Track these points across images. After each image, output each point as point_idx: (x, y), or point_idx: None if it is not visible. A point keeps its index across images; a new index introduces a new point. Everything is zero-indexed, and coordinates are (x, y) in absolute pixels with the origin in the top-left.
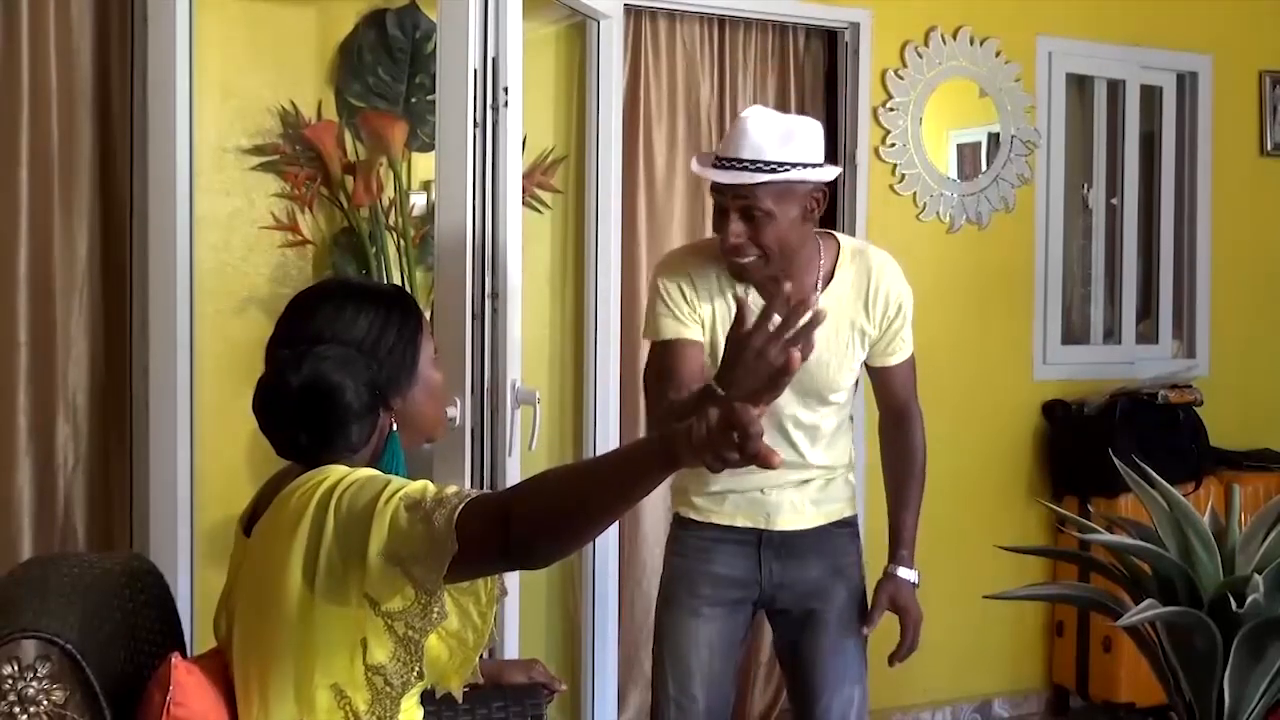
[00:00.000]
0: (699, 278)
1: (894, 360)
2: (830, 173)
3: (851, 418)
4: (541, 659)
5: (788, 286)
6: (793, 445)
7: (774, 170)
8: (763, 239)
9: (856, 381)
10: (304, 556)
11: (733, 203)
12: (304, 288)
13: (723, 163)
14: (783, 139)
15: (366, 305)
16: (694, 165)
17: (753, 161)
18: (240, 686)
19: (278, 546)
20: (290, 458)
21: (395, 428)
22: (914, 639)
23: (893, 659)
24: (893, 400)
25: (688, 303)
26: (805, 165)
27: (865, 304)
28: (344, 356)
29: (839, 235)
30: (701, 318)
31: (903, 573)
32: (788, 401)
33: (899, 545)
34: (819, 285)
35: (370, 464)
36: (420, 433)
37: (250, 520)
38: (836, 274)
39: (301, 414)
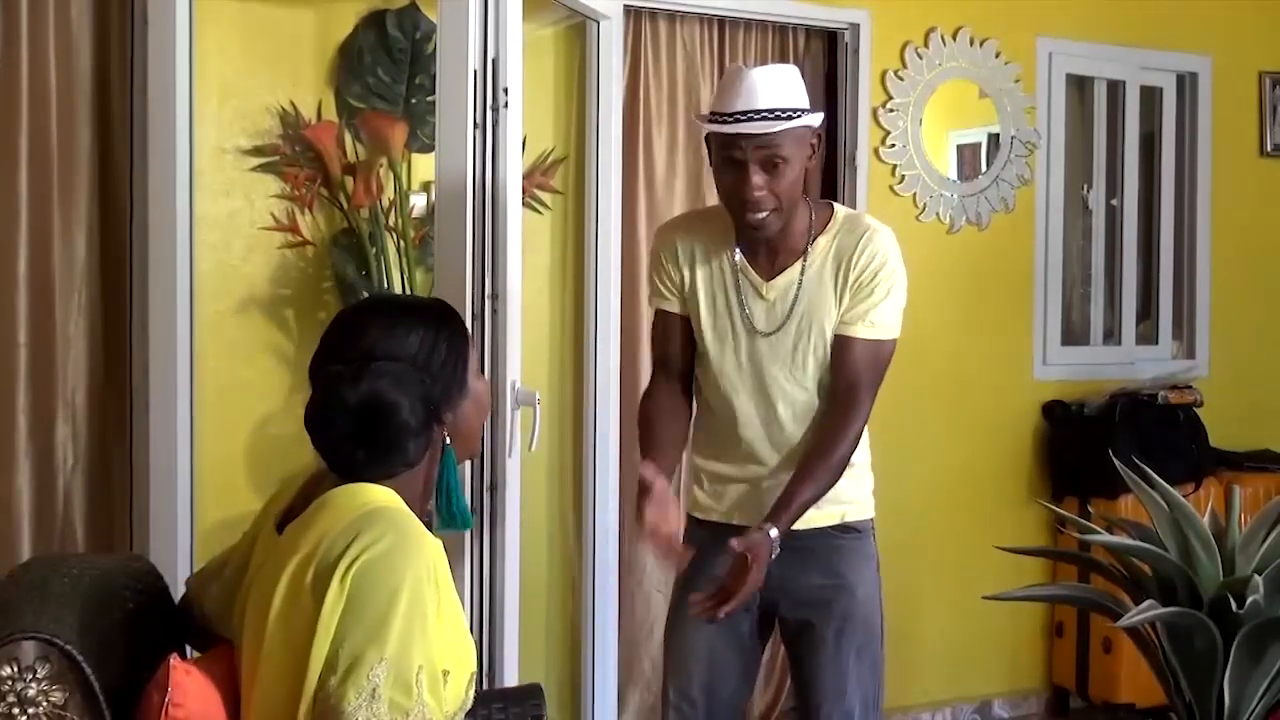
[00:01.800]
0: (681, 235)
1: (852, 332)
2: (817, 113)
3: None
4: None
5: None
6: (778, 422)
7: (792, 116)
8: (780, 187)
9: None
10: (313, 584)
11: (755, 154)
12: (345, 307)
13: (735, 116)
14: (785, 87)
15: (416, 322)
16: (707, 126)
17: (771, 110)
18: (243, 685)
19: (296, 557)
20: (345, 473)
21: (449, 441)
22: (736, 587)
23: (712, 606)
24: (838, 380)
25: (665, 269)
26: (806, 111)
27: (844, 262)
28: (399, 373)
29: (838, 205)
30: (678, 284)
31: (774, 533)
32: (769, 361)
33: (781, 509)
34: (808, 242)
35: (425, 481)
36: (469, 444)
37: (285, 517)
38: (821, 239)
39: (359, 431)
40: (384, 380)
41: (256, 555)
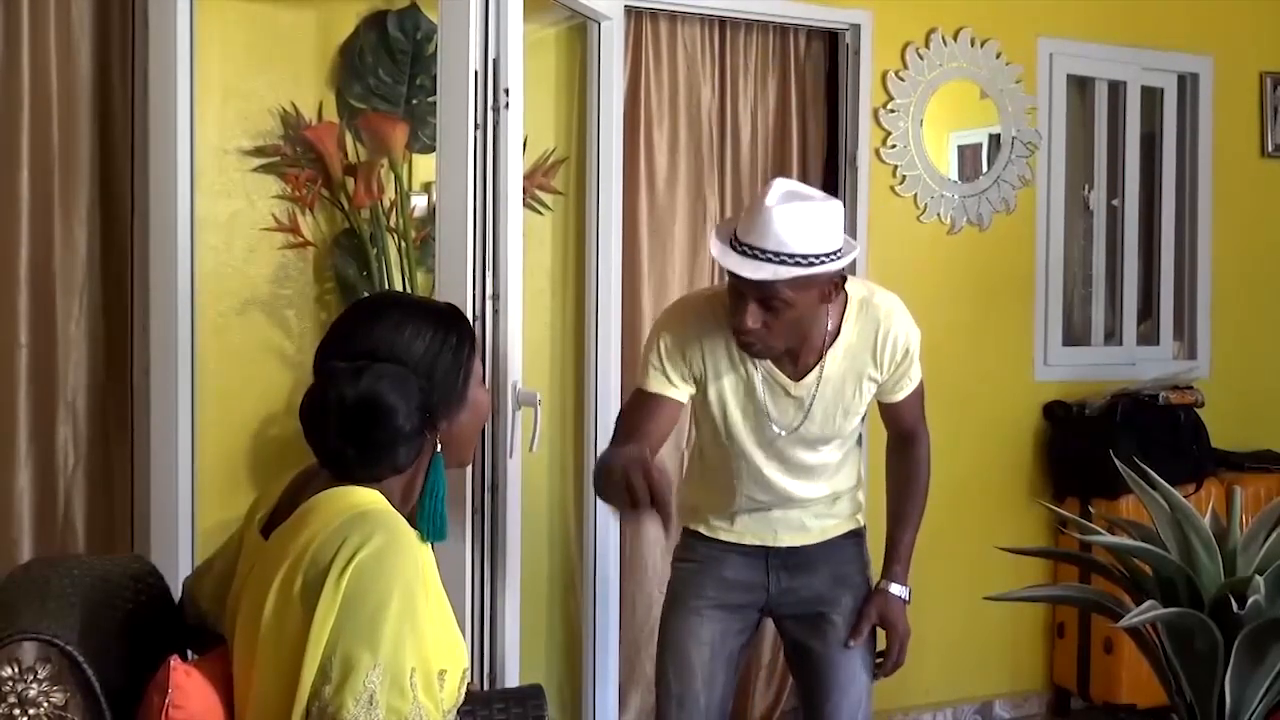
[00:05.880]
0: (702, 333)
1: (901, 396)
2: (850, 255)
3: (861, 437)
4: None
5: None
6: (795, 482)
7: (798, 264)
8: (778, 325)
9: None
10: (303, 591)
11: (752, 291)
12: (359, 299)
13: (744, 248)
14: (807, 228)
15: (425, 325)
16: (713, 247)
17: (776, 254)
18: (236, 691)
19: (285, 564)
20: (332, 470)
21: (440, 449)
22: (900, 655)
23: (878, 673)
24: (900, 426)
25: (684, 361)
26: (828, 256)
27: (873, 353)
28: (400, 377)
29: (849, 285)
30: (696, 374)
31: (894, 589)
32: (792, 450)
33: (893, 561)
34: (826, 342)
35: (408, 485)
36: (461, 453)
37: (270, 521)
38: (843, 329)
39: (352, 430)
40: (384, 382)
41: (245, 559)
